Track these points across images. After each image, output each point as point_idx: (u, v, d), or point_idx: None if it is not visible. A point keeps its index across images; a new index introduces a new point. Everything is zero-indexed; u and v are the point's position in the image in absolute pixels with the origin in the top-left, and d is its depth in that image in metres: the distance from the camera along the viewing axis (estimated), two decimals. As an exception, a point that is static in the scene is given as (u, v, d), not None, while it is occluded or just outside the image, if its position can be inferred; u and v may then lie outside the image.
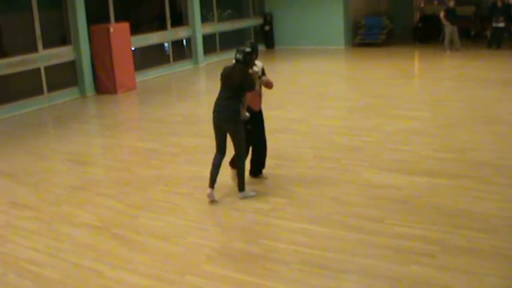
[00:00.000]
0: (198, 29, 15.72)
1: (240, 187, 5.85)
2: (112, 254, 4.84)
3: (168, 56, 15.08)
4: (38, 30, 11.19)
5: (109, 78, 12.18)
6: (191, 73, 15.00)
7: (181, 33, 15.43)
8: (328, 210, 5.46)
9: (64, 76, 11.94)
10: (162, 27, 14.83)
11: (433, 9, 18.47)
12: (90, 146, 8.63)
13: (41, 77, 11.32)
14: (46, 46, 11.35)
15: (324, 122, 8.96)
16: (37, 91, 11.29)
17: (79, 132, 9.33)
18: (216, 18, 16.96)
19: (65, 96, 11.84)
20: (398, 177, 6.23)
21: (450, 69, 13.98)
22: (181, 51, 15.64)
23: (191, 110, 10.72)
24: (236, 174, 5.91)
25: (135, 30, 13.23)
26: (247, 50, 5.68)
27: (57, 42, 11.86)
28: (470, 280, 4.08)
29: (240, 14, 18.41)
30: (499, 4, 15.45)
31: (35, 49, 11.18)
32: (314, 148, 7.53)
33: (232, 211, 5.60)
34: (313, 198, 5.80)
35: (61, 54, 11.74)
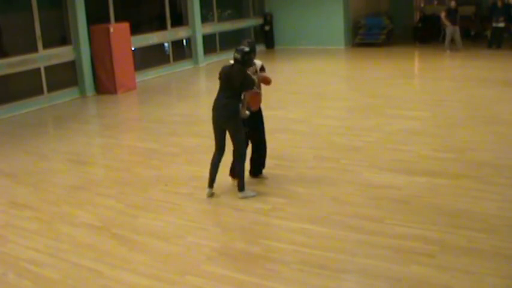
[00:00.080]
0: (198, 29, 15.72)
1: (240, 187, 5.85)
2: (112, 254, 4.84)
3: (168, 56, 15.08)
4: (38, 30, 11.19)
5: (109, 78, 12.19)
6: (191, 73, 15.00)
7: (181, 33, 15.43)
8: (328, 210, 5.46)
9: (64, 76, 11.94)
10: (162, 27, 14.83)
11: (433, 9, 18.49)
12: (90, 146, 8.63)
13: (41, 77, 11.33)
14: (46, 46, 11.35)
15: (324, 122, 8.96)
16: (37, 91, 11.30)
17: (79, 132, 9.33)
18: (216, 18, 16.95)
19: (65, 96, 11.84)
20: (398, 177, 6.22)
21: (450, 69, 13.99)
22: (181, 51, 15.63)
23: (191, 110, 10.72)
24: (237, 183, 5.91)
25: (135, 30, 13.23)
26: (245, 50, 5.66)
27: (57, 42, 11.86)
28: (470, 280, 4.08)
29: (240, 14, 18.39)
30: (499, 4, 15.44)
31: (35, 49, 11.18)
32: (314, 148, 7.53)
33: (232, 211, 5.60)
34: (313, 198, 5.80)
35: (61, 54, 11.74)
